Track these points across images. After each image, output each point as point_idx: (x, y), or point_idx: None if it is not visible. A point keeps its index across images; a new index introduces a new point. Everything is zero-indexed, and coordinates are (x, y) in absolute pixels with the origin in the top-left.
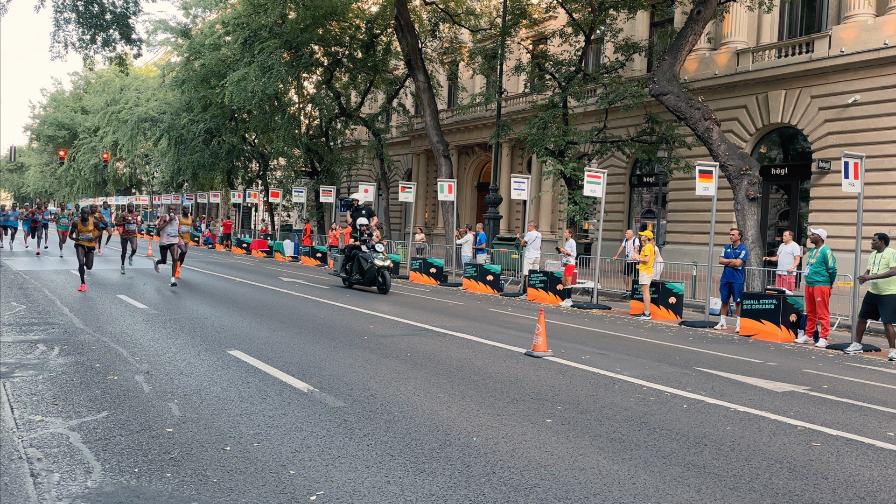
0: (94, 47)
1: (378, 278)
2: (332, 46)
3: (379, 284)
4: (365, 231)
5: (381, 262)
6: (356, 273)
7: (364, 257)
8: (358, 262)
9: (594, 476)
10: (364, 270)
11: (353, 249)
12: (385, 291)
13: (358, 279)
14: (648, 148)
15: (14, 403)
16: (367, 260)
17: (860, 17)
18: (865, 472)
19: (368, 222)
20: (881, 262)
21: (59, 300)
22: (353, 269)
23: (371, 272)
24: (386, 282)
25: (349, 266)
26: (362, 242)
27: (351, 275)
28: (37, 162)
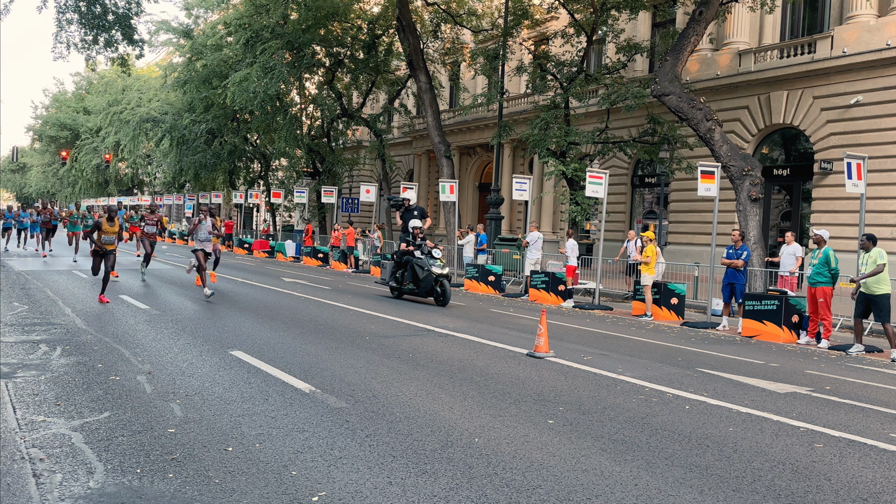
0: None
1: (436, 288)
2: (333, 47)
3: (437, 295)
4: (418, 234)
5: (439, 270)
6: (409, 282)
7: (419, 264)
8: (412, 269)
9: (596, 477)
10: (420, 279)
11: (404, 255)
12: (444, 303)
13: (412, 289)
14: (650, 148)
15: (16, 404)
16: (423, 268)
17: (862, 17)
18: (868, 473)
19: (422, 224)
20: (869, 262)
21: (62, 300)
22: (406, 278)
23: (428, 281)
24: (445, 293)
25: (400, 274)
26: (416, 247)
27: (402, 284)
28: (39, 162)
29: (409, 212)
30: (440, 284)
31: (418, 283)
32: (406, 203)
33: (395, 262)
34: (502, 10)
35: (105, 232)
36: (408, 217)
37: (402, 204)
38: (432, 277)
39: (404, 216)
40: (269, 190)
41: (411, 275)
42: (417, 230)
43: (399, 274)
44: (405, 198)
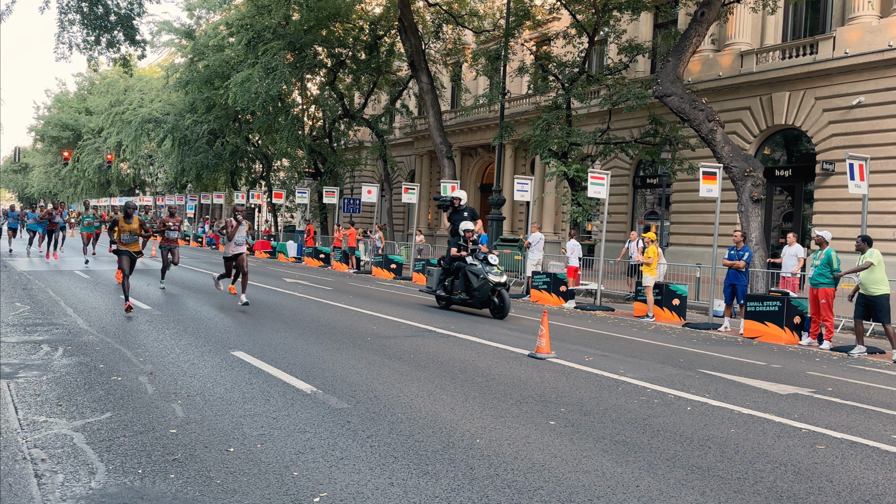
0: (98, 48)
1: (493, 299)
2: (335, 48)
3: (494, 307)
4: (470, 238)
5: (496, 279)
6: (461, 291)
7: (474, 272)
8: (464, 278)
9: (598, 478)
10: (474, 288)
11: (454, 262)
12: (502, 315)
13: (464, 299)
14: (652, 149)
15: (18, 404)
16: (478, 275)
17: (864, 18)
18: (870, 475)
19: (474, 227)
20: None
21: (63, 301)
22: (457, 287)
23: (484, 291)
24: (504, 304)
25: (450, 282)
26: (470, 253)
27: (452, 293)
28: (41, 163)
29: (459, 213)
30: (498, 295)
31: (472, 293)
32: (457, 203)
33: (444, 269)
34: (504, 10)
35: (123, 230)
36: (457, 218)
37: (451, 204)
38: (489, 286)
39: (453, 217)
40: (270, 190)
41: (463, 283)
42: (469, 233)
43: (448, 282)
44: (455, 196)
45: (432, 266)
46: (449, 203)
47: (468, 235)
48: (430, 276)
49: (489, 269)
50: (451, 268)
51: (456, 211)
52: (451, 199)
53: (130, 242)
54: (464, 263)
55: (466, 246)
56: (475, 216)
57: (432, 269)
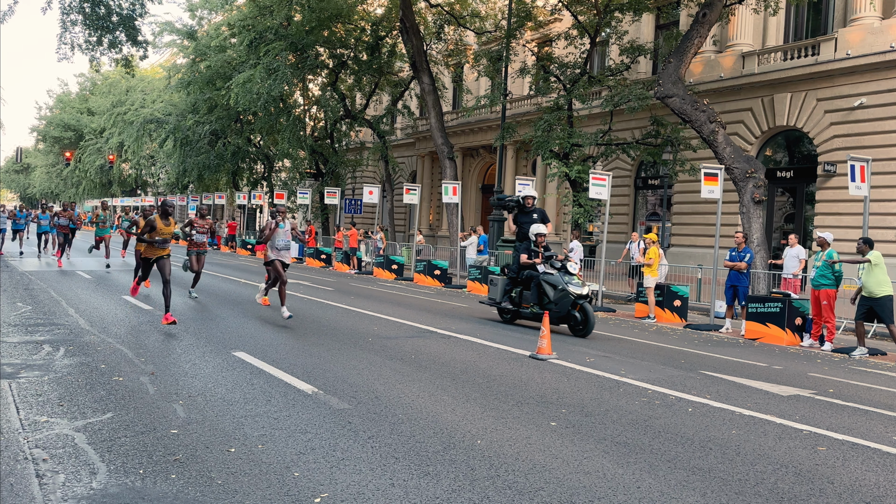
0: (100, 49)
1: (574, 314)
2: (337, 48)
3: (575, 323)
4: (541, 243)
5: (578, 290)
6: (533, 304)
7: (550, 282)
8: (537, 289)
9: (599, 480)
10: (550, 301)
11: (524, 270)
12: (586, 333)
13: (536, 313)
14: (653, 150)
15: (19, 404)
16: (555, 286)
17: (866, 19)
18: (871, 476)
19: (547, 230)
20: (867, 266)
21: (65, 301)
22: (528, 299)
23: (564, 304)
24: (588, 319)
25: (517, 294)
26: (545, 260)
27: (521, 306)
28: (43, 163)
29: (527, 214)
30: (580, 309)
31: (547, 307)
32: (529, 202)
33: (510, 278)
34: (505, 11)
35: (160, 232)
36: (525, 220)
37: (519, 203)
38: (570, 299)
39: (520, 219)
40: (272, 191)
41: (536, 295)
42: (542, 238)
43: (516, 293)
44: (527, 195)
45: (495, 275)
46: (514, 203)
47: (540, 240)
48: (493, 287)
49: (569, 278)
50: (520, 277)
51: (523, 212)
52: (520, 198)
53: (164, 246)
54: (535, 272)
55: (538, 252)
56: (546, 218)
57: (496, 278)
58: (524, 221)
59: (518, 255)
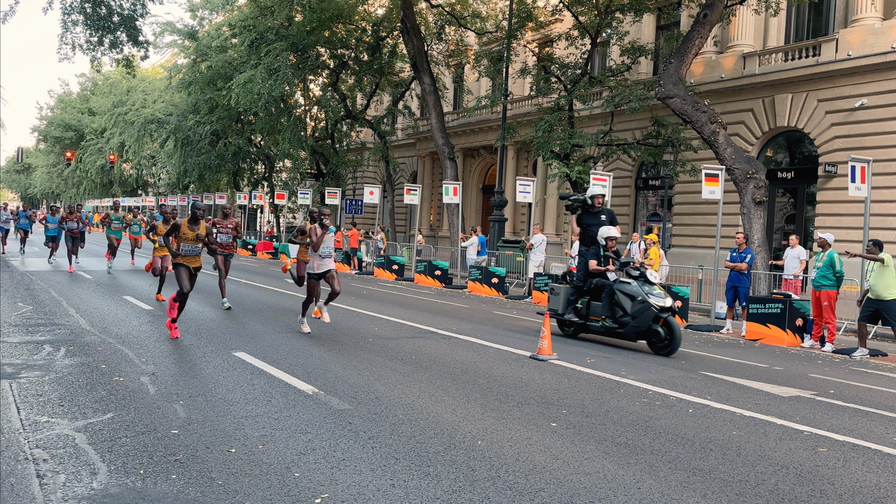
0: (101, 49)
1: (656, 328)
2: (338, 49)
3: (658, 340)
4: (611, 248)
5: (660, 302)
6: (604, 317)
7: (627, 292)
8: (609, 300)
9: (599, 480)
10: (628, 314)
11: (593, 278)
12: (671, 350)
13: (609, 327)
14: (654, 151)
15: (20, 404)
16: (633, 297)
17: (867, 20)
18: (872, 477)
19: (617, 234)
20: (877, 268)
21: (66, 301)
22: (598, 311)
23: (644, 318)
24: (674, 335)
25: (584, 305)
26: (619, 267)
27: (588, 318)
28: (44, 163)
29: (594, 215)
30: (664, 323)
31: (621, 320)
32: (597, 202)
33: (574, 287)
34: (506, 12)
35: (185, 237)
36: (591, 222)
37: (586, 204)
38: (652, 313)
39: (585, 220)
40: (272, 191)
41: (607, 307)
42: (612, 242)
43: (582, 304)
44: (596, 194)
45: (557, 284)
46: (580, 203)
47: (610, 245)
48: (554, 296)
49: (649, 288)
50: (588, 286)
51: (590, 213)
52: (589, 197)
53: (191, 254)
54: (606, 281)
55: (608, 258)
56: (615, 219)
57: (557, 286)
58: (591, 223)
59: (584, 262)
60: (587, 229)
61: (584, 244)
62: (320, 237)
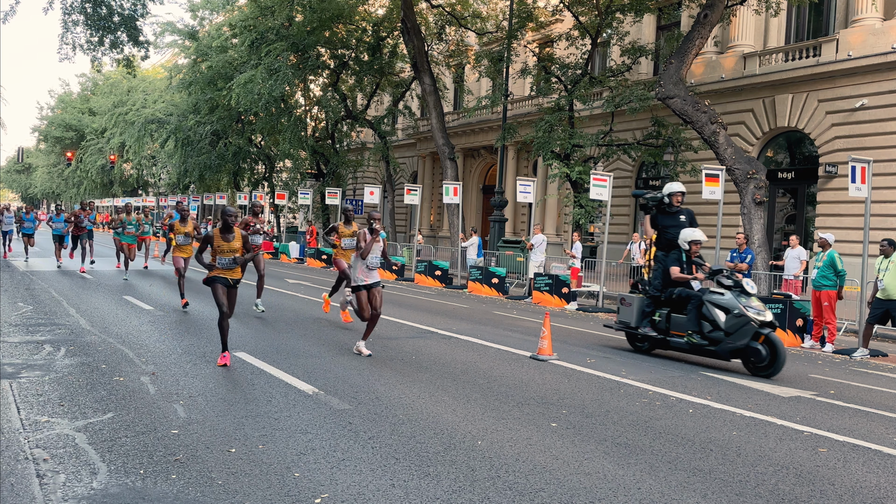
0: (101, 49)
1: (755, 346)
2: (338, 49)
3: (758, 359)
4: (695, 253)
5: (760, 316)
6: (690, 332)
7: (721, 304)
8: (697, 312)
9: (599, 481)
10: (719, 329)
11: (673, 288)
12: (773, 372)
13: (697, 343)
14: (654, 151)
15: (20, 404)
16: (728, 310)
17: (867, 21)
18: (872, 478)
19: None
20: (891, 267)
21: (66, 301)
22: (681, 324)
23: (742, 334)
24: (778, 354)
25: (662, 317)
26: (710, 275)
27: (669, 333)
28: (44, 163)
29: (672, 215)
30: (765, 340)
31: (712, 336)
32: (676, 200)
33: (650, 297)
34: (507, 12)
35: (220, 249)
36: (669, 223)
37: (661, 203)
38: (751, 329)
39: (661, 222)
40: (273, 191)
41: (694, 320)
42: (697, 246)
43: (661, 317)
44: (674, 192)
45: (632, 293)
46: (654, 203)
47: (694, 249)
48: (626, 308)
49: (746, 300)
50: (667, 296)
51: (666, 213)
52: (666, 195)
53: (229, 268)
54: (692, 290)
55: (690, 264)
56: (695, 220)
57: (629, 296)
58: (669, 225)
59: (662, 268)
60: (664, 231)
61: (661, 248)
62: (369, 243)
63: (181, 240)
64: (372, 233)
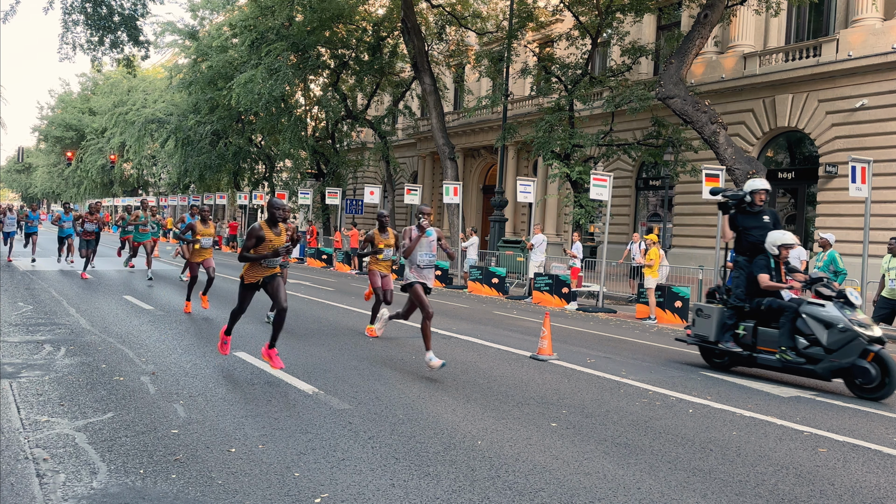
0: (102, 49)
1: (864, 365)
2: (338, 49)
3: (866, 379)
4: (785, 258)
5: (869, 332)
6: (784, 349)
7: (822, 317)
8: (791, 325)
9: (599, 481)
10: (820, 345)
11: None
12: (885, 395)
13: (792, 361)
14: (655, 151)
15: (20, 404)
16: (831, 324)
17: (868, 21)
18: (872, 478)
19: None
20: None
21: (66, 300)
22: (771, 340)
23: (847, 352)
24: (891, 373)
25: (748, 330)
26: (807, 284)
27: (756, 348)
28: (44, 163)
29: (755, 216)
30: (874, 358)
31: (806, 353)
32: (759, 198)
33: (734, 307)
34: (507, 12)
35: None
36: (752, 224)
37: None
38: (859, 345)
39: (742, 222)
40: (273, 191)
41: (787, 335)
42: (787, 251)
43: (746, 330)
44: (757, 189)
45: (709, 303)
46: (736, 200)
47: (784, 254)
48: (703, 319)
49: (851, 312)
50: (754, 307)
51: (748, 212)
52: (750, 193)
53: (274, 264)
54: (784, 301)
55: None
56: (779, 221)
57: (707, 307)
58: (751, 226)
59: (744, 275)
60: (746, 234)
61: (741, 252)
62: (415, 240)
63: (205, 242)
64: (419, 230)
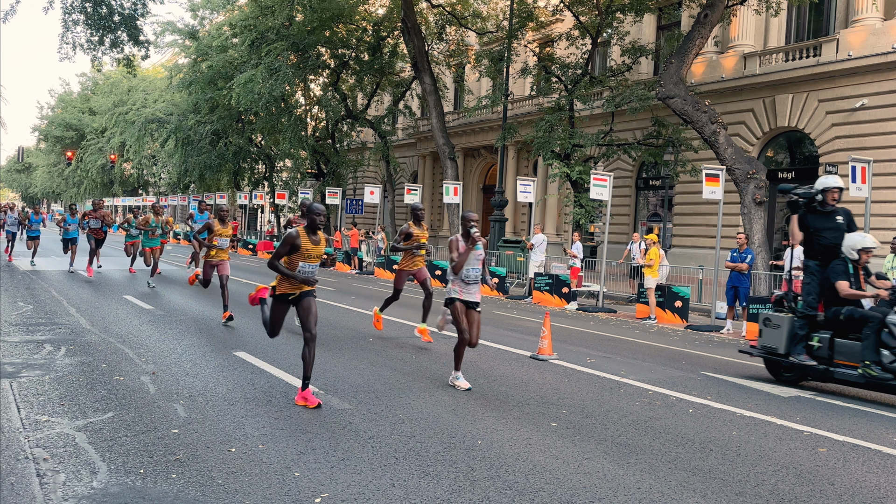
0: (102, 48)
1: None
2: (338, 49)
3: None
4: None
5: None
6: (868, 363)
7: None
8: (878, 339)
9: (599, 480)
10: None
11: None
12: None
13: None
14: (655, 151)
15: (20, 403)
16: None
17: (868, 21)
18: (872, 478)
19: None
20: None
21: (66, 300)
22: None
23: None
24: None
25: (823, 342)
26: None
27: (832, 362)
28: (44, 162)
29: (828, 216)
30: None
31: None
32: (832, 197)
33: (806, 316)
34: (507, 12)
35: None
36: (825, 226)
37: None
38: None
39: (814, 223)
40: (273, 191)
41: (872, 348)
42: (867, 254)
43: (821, 342)
44: (829, 187)
45: (776, 312)
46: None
47: (864, 259)
48: (771, 329)
49: None
50: (830, 316)
51: (819, 212)
52: (821, 191)
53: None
54: (862, 309)
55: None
56: (853, 222)
57: (776, 315)
58: (823, 227)
59: (816, 281)
60: (818, 236)
61: (812, 256)
62: (464, 254)
63: (222, 243)
64: (467, 239)
